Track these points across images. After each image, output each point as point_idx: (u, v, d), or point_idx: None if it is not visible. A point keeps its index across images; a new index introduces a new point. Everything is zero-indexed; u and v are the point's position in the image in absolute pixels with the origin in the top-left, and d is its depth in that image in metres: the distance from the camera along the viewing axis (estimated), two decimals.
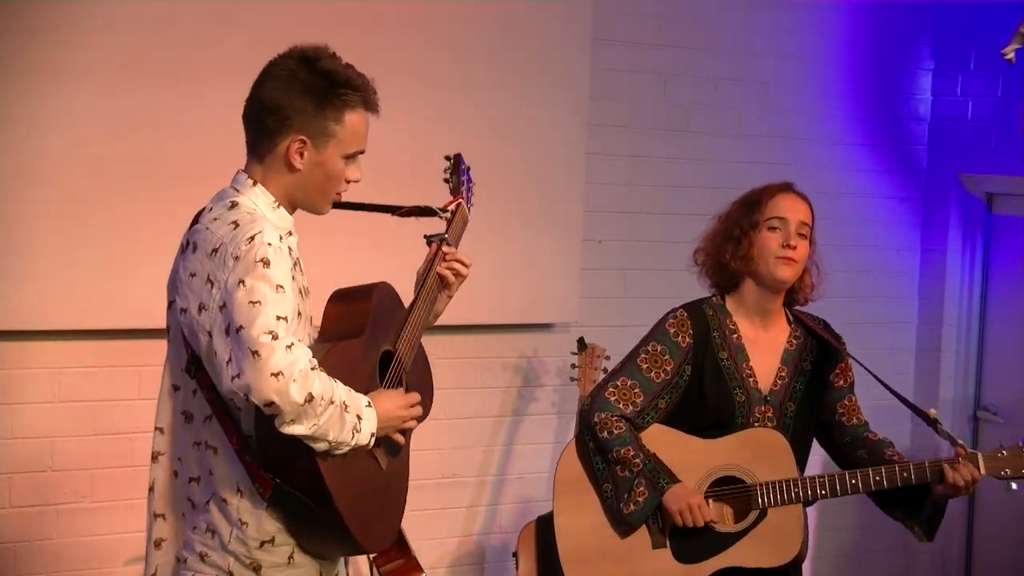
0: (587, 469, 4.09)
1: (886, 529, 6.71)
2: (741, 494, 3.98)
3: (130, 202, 4.93)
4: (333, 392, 2.96)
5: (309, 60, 3.12)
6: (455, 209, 3.64)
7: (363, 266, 4.07)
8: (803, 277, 4.09)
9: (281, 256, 3.01)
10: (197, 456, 3.13)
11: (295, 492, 3.04)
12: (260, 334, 2.91)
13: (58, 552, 5.01)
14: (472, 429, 5.78)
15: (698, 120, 6.20)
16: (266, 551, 3.10)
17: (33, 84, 4.80)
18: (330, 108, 3.11)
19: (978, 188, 6.66)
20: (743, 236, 4.04)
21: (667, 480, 3.97)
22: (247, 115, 3.17)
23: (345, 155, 3.15)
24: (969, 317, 6.74)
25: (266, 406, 2.91)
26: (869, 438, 4.10)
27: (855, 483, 3.96)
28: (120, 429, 5.03)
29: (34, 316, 4.85)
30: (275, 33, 5.08)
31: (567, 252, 5.84)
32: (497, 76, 5.60)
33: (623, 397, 4.05)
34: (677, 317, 4.10)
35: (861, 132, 6.62)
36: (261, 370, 2.88)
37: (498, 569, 5.86)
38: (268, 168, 3.15)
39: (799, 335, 4.11)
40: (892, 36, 6.65)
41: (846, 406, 4.13)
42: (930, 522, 4.07)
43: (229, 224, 3.06)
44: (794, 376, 4.08)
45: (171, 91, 4.98)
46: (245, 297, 2.95)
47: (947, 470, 3.93)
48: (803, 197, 4.09)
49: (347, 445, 3.01)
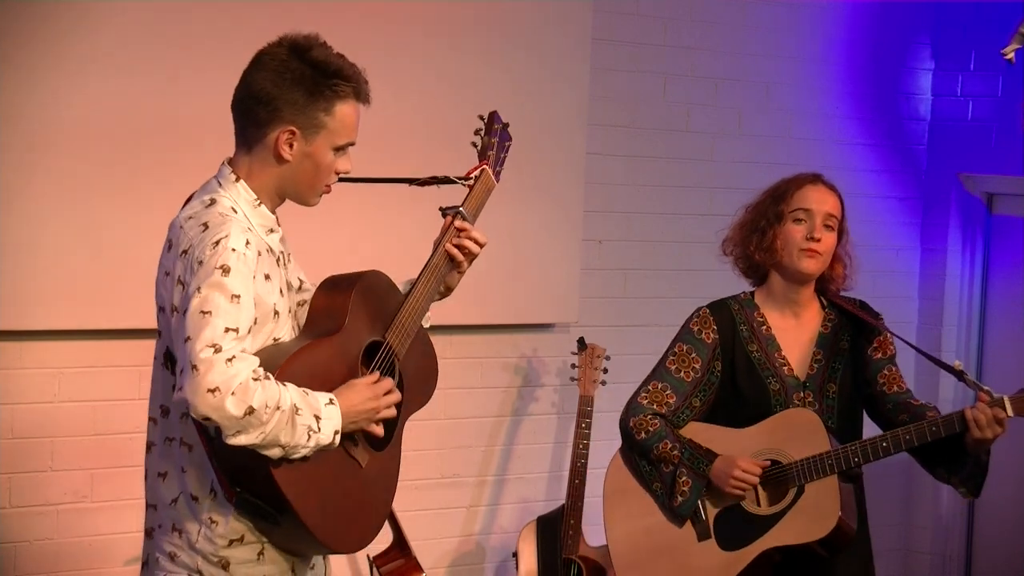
0: (635, 475, 4.11)
1: (886, 529, 6.72)
2: (778, 475, 3.98)
3: (130, 202, 4.93)
4: (279, 398, 2.90)
5: (300, 49, 3.09)
6: (478, 175, 3.50)
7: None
8: (834, 267, 4.11)
9: (243, 262, 2.97)
10: (168, 452, 3.10)
11: (256, 501, 3.00)
12: (203, 347, 2.87)
13: (58, 552, 5.01)
14: (472, 429, 5.77)
15: (698, 120, 6.20)
16: (235, 548, 3.06)
17: (34, 83, 4.79)
18: (321, 99, 3.07)
19: (978, 188, 6.66)
20: (768, 227, 4.05)
21: (707, 462, 3.99)
22: (236, 105, 3.14)
23: (335, 147, 3.12)
24: (969, 317, 6.73)
25: (204, 420, 2.88)
26: (911, 403, 4.09)
27: (886, 445, 3.95)
28: (120, 429, 5.03)
29: (34, 316, 4.85)
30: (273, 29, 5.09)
31: (567, 252, 5.83)
32: (497, 76, 5.60)
33: (656, 399, 4.07)
34: (700, 315, 4.12)
35: (861, 132, 6.62)
36: (198, 385, 2.85)
37: (498, 569, 5.86)
38: (256, 158, 3.12)
39: (833, 317, 4.13)
40: (892, 36, 6.65)
41: (886, 376, 4.12)
42: (973, 478, 4.04)
43: (200, 225, 3.03)
44: (831, 358, 4.09)
45: (173, 89, 4.98)
46: (198, 307, 2.92)
47: (967, 412, 3.91)
48: (832, 188, 4.11)
49: (305, 448, 2.95)
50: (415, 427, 3.39)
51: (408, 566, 5.12)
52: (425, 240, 3.46)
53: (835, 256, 4.10)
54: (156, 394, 3.15)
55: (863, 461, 3.96)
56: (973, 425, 3.89)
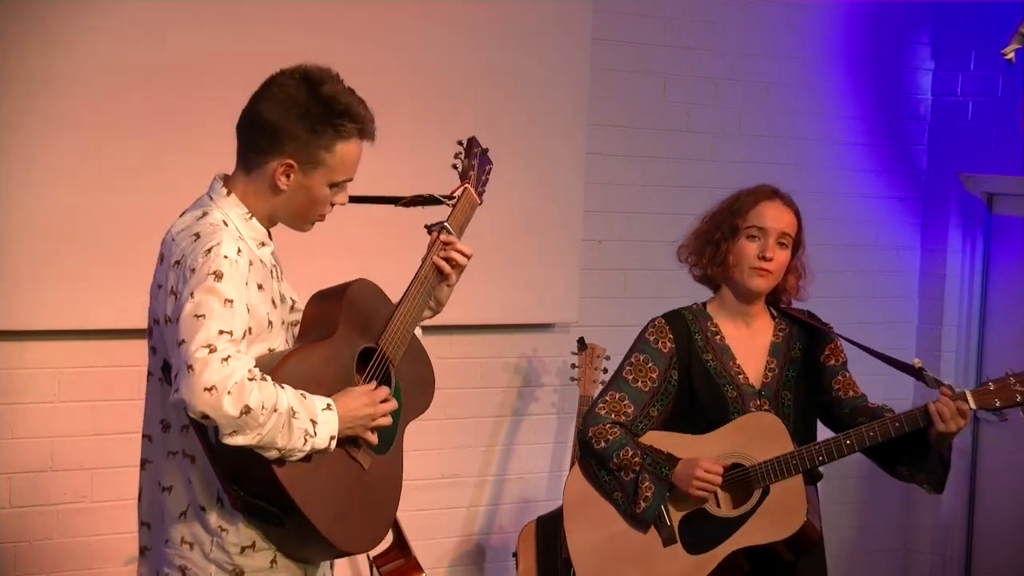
0: (595, 485, 4.11)
1: (886, 529, 6.73)
2: (742, 477, 3.99)
3: (131, 203, 4.93)
4: (276, 400, 2.92)
5: (312, 83, 3.09)
6: (461, 194, 3.55)
7: (369, 263, 4.04)
8: (787, 279, 4.11)
9: (235, 269, 2.98)
10: (171, 466, 3.11)
11: (260, 502, 3.02)
12: (197, 348, 2.89)
13: (58, 552, 5.01)
14: (472, 429, 5.78)
15: (698, 120, 6.20)
16: (247, 556, 3.08)
17: (35, 86, 4.80)
18: (324, 137, 3.08)
19: (978, 188, 6.66)
20: (723, 241, 4.06)
21: (668, 467, 3.99)
22: (241, 126, 3.14)
23: (332, 183, 3.13)
24: (969, 317, 6.74)
25: (202, 419, 2.89)
26: (868, 406, 4.11)
27: (850, 443, 3.96)
28: (120, 429, 5.03)
29: (34, 316, 4.85)
30: (276, 33, 5.10)
31: (567, 252, 5.84)
32: (497, 76, 5.60)
33: (614, 409, 4.07)
34: (656, 325, 4.13)
35: (861, 132, 6.62)
36: (194, 384, 2.86)
37: (498, 569, 5.86)
38: (252, 182, 3.13)
39: (784, 327, 4.14)
40: (892, 36, 6.65)
41: (840, 382, 4.14)
42: (936, 474, 4.05)
43: (191, 236, 3.04)
44: (784, 366, 4.10)
45: (176, 92, 4.98)
46: (192, 311, 2.93)
47: (931, 406, 3.92)
48: (789, 204, 4.09)
49: (300, 451, 2.97)
50: (415, 427, 3.39)
51: (408, 566, 5.12)
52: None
53: (788, 268, 4.09)
54: (154, 410, 3.16)
55: (827, 460, 3.97)
56: (937, 418, 3.90)
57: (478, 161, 3.68)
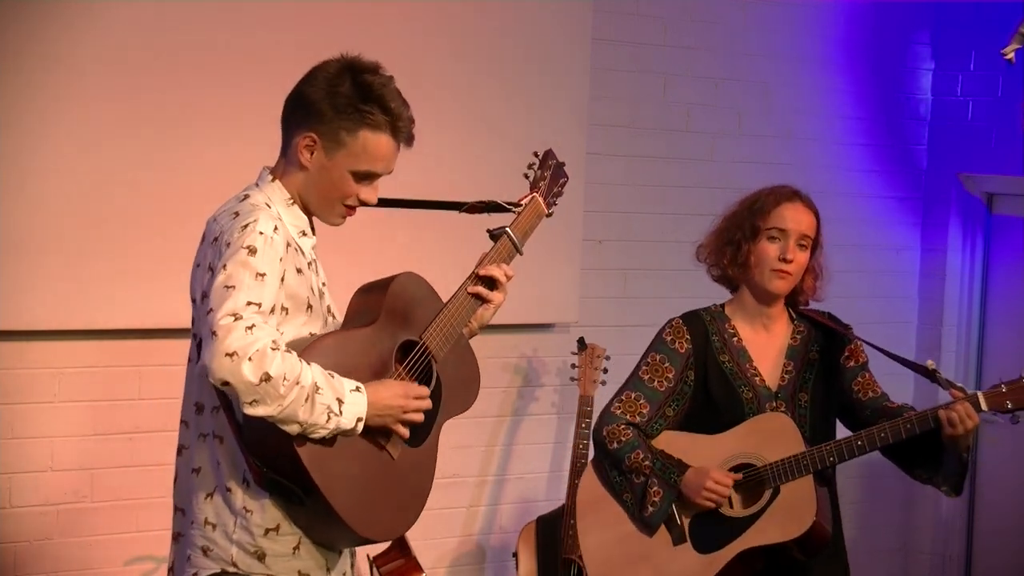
0: (606, 485, 4.11)
1: (886, 529, 6.72)
2: (753, 477, 3.99)
3: (131, 202, 4.93)
4: (300, 373, 2.92)
5: (355, 69, 3.14)
6: (527, 203, 3.61)
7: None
8: (804, 280, 4.11)
9: (270, 246, 3.01)
10: (202, 447, 3.13)
11: (281, 479, 3.03)
12: (223, 316, 2.91)
13: (58, 552, 5.01)
14: (472, 429, 5.77)
15: (698, 120, 6.20)
16: (271, 539, 3.09)
17: (35, 84, 4.80)
18: (347, 119, 3.11)
19: (978, 188, 6.66)
20: (743, 242, 4.05)
21: (678, 472, 3.99)
22: (284, 106, 3.20)
23: (353, 170, 3.15)
24: (969, 317, 6.74)
25: (223, 386, 2.90)
26: (888, 407, 4.10)
27: (861, 444, 3.96)
28: (120, 429, 5.03)
29: (34, 316, 4.85)
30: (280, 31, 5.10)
31: (567, 252, 5.83)
32: (497, 76, 5.60)
33: (629, 409, 4.08)
34: (673, 326, 4.13)
35: (861, 132, 6.62)
36: (216, 350, 2.88)
37: (498, 569, 5.86)
38: (286, 161, 3.19)
39: (803, 329, 4.13)
40: (892, 36, 6.65)
41: (860, 383, 4.13)
42: (954, 476, 4.04)
43: (231, 215, 3.09)
44: (801, 368, 4.10)
45: (175, 91, 4.98)
46: (223, 282, 2.96)
47: (941, 411, 3.92)
48: (809, 206, 4.09)
49: (323, 428, 2.97)
50: None
51: (408, 566, 5.12)
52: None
53: (807, 269, 4.09)
54: (190, 393, 3.18)
55: (838, 460, 3.98)
56: (946, 422, 3.91)
57: (551, 173, 3.75)
